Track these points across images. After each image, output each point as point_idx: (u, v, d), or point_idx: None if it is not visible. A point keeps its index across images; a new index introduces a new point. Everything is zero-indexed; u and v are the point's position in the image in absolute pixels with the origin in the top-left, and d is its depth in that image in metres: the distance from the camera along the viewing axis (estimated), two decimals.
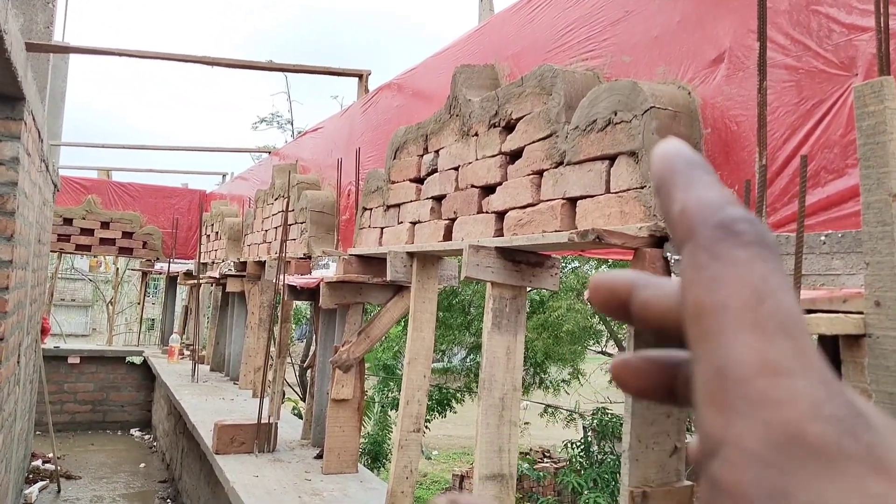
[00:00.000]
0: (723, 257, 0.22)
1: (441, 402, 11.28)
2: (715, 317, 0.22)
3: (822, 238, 1.42)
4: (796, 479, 0.19)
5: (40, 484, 6.20)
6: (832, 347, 1.25)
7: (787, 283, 0.22)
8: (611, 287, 0.28)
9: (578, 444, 10.32)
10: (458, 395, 11.54)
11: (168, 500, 6.36)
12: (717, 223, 0.23)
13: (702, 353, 0.22)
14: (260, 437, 4.52)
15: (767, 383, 0.20)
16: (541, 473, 10.43)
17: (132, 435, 8.80)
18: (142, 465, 7.45)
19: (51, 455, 6.48)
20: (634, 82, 2.02)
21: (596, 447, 10.12)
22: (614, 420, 9.69)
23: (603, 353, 11.74)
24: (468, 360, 11.75)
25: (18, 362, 4.02)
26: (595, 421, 10.17)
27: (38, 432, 7.32)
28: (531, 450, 12.34)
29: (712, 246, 0.23)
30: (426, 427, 10.77)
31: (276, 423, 4.71)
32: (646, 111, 1.95)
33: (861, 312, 1.15)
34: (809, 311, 1.22)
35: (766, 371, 0.20)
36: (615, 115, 2.07)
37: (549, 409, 11.27)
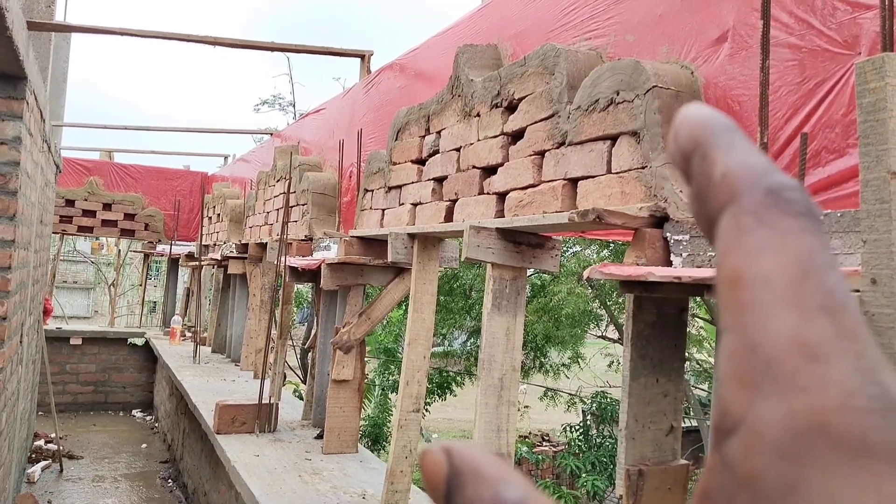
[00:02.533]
0: (770, 224, 0.21)
1: (441, 386, 11.33)
2: (754, 288, 0.20)
3: (821, 218, 1.42)
4: (811, 473, 0.18)
5: (43, 463, 6.26)
6: None
7: (834, 259, 0.21)
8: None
9: (577, 427, 10.39)
10: (459, 378, 11.60)
11: (169, 480, 6.41)
12: (767, 188, 0.21)
13: (734, 324, 0.20)
14: (261, 418, 4.55)
15: (799, 367, 0.19)
16: (540, 456, 10.50)
17: (134, 416, 8.86)
18: (143, 445, 7.51)
19: (53, 435, 6.53)
20: (637, 61, 2.01)
21: (595, 431, 10.18)
22: (613, 404, 9.74)
23: (603, 337, 11.77)
24: (469, 343, 11.79)
25: (21, 342, 4.04)
26: (594, 405, 10.22)
27: (40, 413, 7.37)
28: (531, 433, 12.42)
29: (760, 211, 0.21)
30: (426, 410, 10.83)
31: (277, 404, 4.74)
32: (648, 91, 1.95)
33: (858, 290, 1.15)
34: None
35: (799, 354, 0.19)
36: (617, 94, 2.07)
37: (549, 393, 11.32)
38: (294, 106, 14.84)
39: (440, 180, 3.15)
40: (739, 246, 0.21)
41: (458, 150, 2.99)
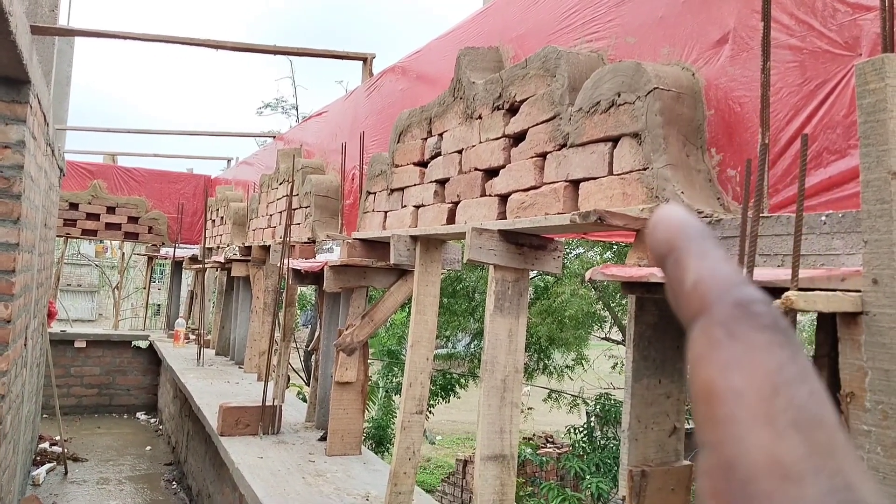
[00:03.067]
0: (741, 338, 0.21)
1: (445, 388, 11.34)
2: (728, 403, 0.21)
3: (823, 218, 1.42)
4: None
5: (48, 466, 6.27)
6: (829, 325, 1.25)
7: (804, 372, 0.21)
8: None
9: (581, 429, 10.37)
10: (462, 380, 11.60)
11: (174, 483, 6.42)
12: (736, 301, 0.22)
13: (711, 439, 0.21)
14: (264, 420, 4.55)
15: (775, 488, 0.19)
16: (544, 458, 10.49)
17: (138, 418, 8.88)
18: (148, 447, 7.52)
19: (58, 438, 6.54)
20: (638, 63, 2.01)
21: (599, 432, 10.17)
22: (617, 405, 9.73)
23: (606, 339, 11.76)
24: (472, 345, 11.79)
25: (25, 345, 4.06)
26: (598, 406, 10.21)
27: (45, 415, 7.39)
28: (535, 435, 12.41)
29: (730, 324, 0.22)
30: (430, 412, 10.83)
31: (281, 406, 4.75)
32: (649, 92, 1.95)
33: (859, 290, 1.16)
34: (807, 290, 1.22)
35: (774, 473, 0.19)
36: (619, 96, 2.07)
37: (553, 395, 11.31)
38: (297, 109, 14.89)
39: (442, 182, 3.16)
40: (711, 359, 0.21)
41: (459, 152, 2.99)
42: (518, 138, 2.60)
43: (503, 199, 2.66)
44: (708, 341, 0.22)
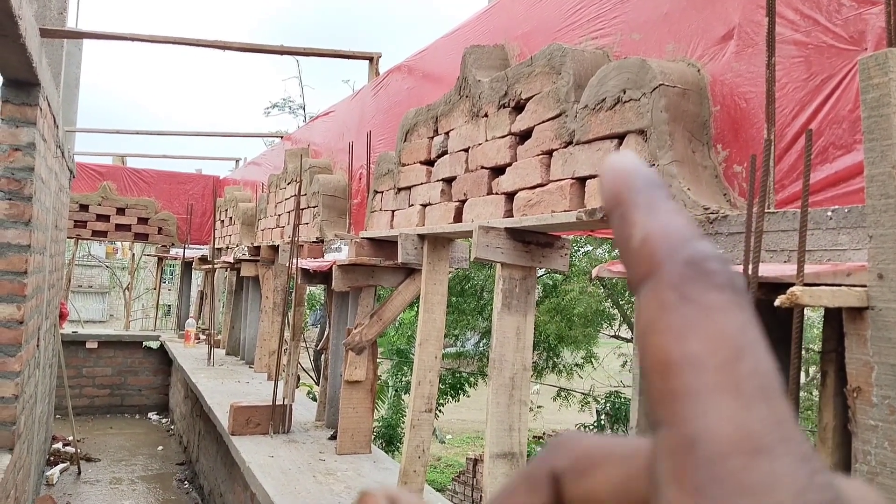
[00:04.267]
0: (695, 300, 0.19)
1: (454, 387, 11.35)
2: (686, 374, 0.19)
3: (829, 213, 1.42)
4: None
5: (61, 466, 6.33)
6: (836, 320, 1.25)
7: (761, 336, 0.20)
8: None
9: (592, 427, 10.36)
10: (472, 379, 11.60)
11: (186, 482, 6.46)
12: (688, 258, 0.20)
13: (669, 416, 0.19)
14: (275, 419, 4.58)
15: (745, 464, 0.18)
16: None
17: (150, 418, 8.93)
18: (160, 447, 7.57)
19: (71, 438, 6.60)
20: (643, 60, 2.01)
21: (609, 431, 10.15)
22: (627, 404, 9.71)
23: (616, 336, 11.74)
24: (481, 344, 11.79)
25: (38, 346, 4.10)
26: (608, 405, 10.20)
27: (58, 416, 7.45)
28: (544, 433, 12.40)
29: (682, 285, 0.20)
30: (439, 411, 10.85)
31: (291, 405, 4.77)
32: (655, 89, 1.95)
33: (864, 285, 1.15)
34: (813, 285, 1.22)
35: (743, 448, 0.18)
36: (624, 93, 2.07)
37: (563, 393, 11.30)
38: (304, 109, 14.92)
39: (449, 181, 3.17)
40: (663, 325, 0.19)
41: (466, 150, 3.00)
42: (524, 136, 2.61)
43: (510, 196, 2.67)
44: (659, 305, 0.20)
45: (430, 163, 3.37)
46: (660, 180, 0.22)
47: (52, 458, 6.45)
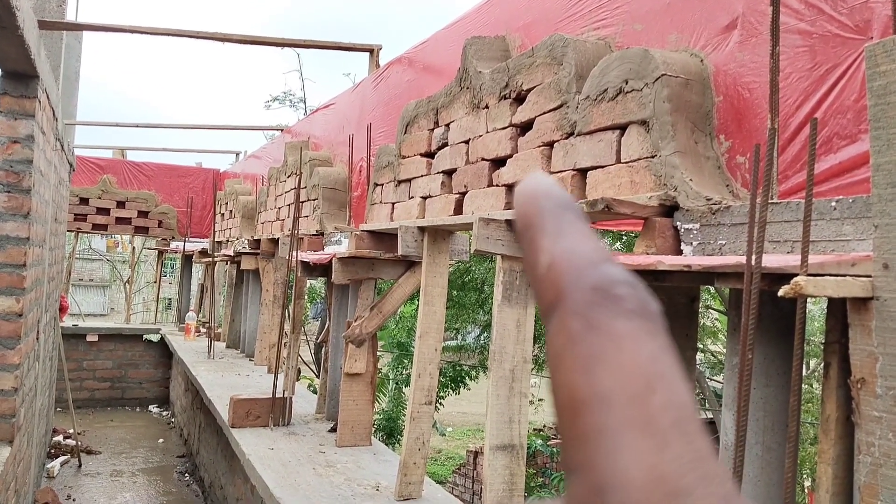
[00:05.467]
0: (602, 328, 0.18)
1: (455, 380, 11.35)
2: (595, 411, 0.17)
3: (833, 204, 1.41)
4: None
5: (62, 458, 6.33)
6: (840, 311, 1.24)
7: (675, 363, 0.18)
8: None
9: None
10: (473, 372, 11.61)
11: (186, 474, 6.47)
12: (594, 284, 0.19)
13: (579, 460, 0.17)
14: (275, 411, 4.58)
15: None
16: (554, 449, 10.50)
17: (150, 411, 8.94)
18: (160, 440, 7.58)
19: (71, 431, 6.60)
20: (646, 50, 2.00)
21: None
22: None
23: None
24: (482, 337, 11.79)
25: (37, 339, 4.09)
26: None
27: (58, 409, 7.45)
28: (545, 426, 12.41)
29: (588, 312, 0.18)
30: (440, 403, 10.86)
31: (291, 398, 4.77)
32: (657, 79, 1.93)
33: (869, 275, 1.14)
34: (817, 275, 1.21)
35: (659, 492, 0.16)
36: (626, 83, 2.05)
37: None
38: (305, 102, 14.89)
39: (449, 173, 3.15)
40: (570, 358, 0.18)
41: (466, 142, 2.98)
42: (525, 127, 2.59)
43: (510, 188, 2.65)
44: (565, 336, 0.18)
45: (430, 155, 3.35)
46: (571, 202, 0.21)
47: (52, 451, 6.46)
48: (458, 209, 3.03)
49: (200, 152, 11.89)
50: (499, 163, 2.76)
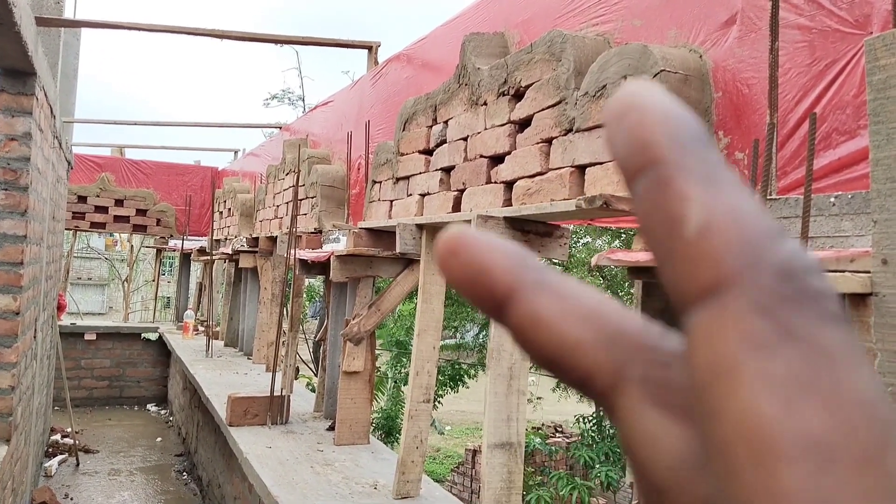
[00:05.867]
0: (802, 338, 0.13)
1: (454, 378, 11.36)
2: (803, 466, 0.12)
3: (832, 199, 1.40)
4: None
5: (60, 457, 6.32)
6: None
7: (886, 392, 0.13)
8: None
9: (591, 418, 10.37)
10: (471, 370, 11.61)
11: (184, 473, 6.46)
12: (780, 268, 0.13)
13: None
14: (273, 410, 4.57)
15: None
16: (553, 448, 10.50)
17: (148, 410, 8.93)
18: (158, 439, 7.57)
19: (69, 430, 6.59)
20: (645, 46, 1.99)
21: (608, 422, 10.16)
22: None
23: None
24: (481, 336, 11.79)
25: (35, 338, 4.08)
26: None
27: (56, 408, 7.44)
28: (543, 424, 12.41)
29: (779, 311, 0.13)
30: (439, 402, 10.86)
31: (289, 396, 4.76)
32: (656, 75, 1.93)
33: (868, 271, 1.14)
34: None
35: None
36: (625, 79, 2.04)
37: (562, 384, 11.30)
38: (303, 100, 14.87)
39: (447, 170, 3.14)
40: (757, 376, 0.13)
41: (465, 139, 2.98)
42: (524, 124, 2.58)
43: (509, 185, 2.65)
44: (744, 340, 0.13)
45: (428, 152, 3.34)
46: (709, 134, 0.16)
47: (50, 450, 6.45)
48: (457, 206, 3.02)
49: (199, 150, 11.88)
50: (497, 160, 2.75)
